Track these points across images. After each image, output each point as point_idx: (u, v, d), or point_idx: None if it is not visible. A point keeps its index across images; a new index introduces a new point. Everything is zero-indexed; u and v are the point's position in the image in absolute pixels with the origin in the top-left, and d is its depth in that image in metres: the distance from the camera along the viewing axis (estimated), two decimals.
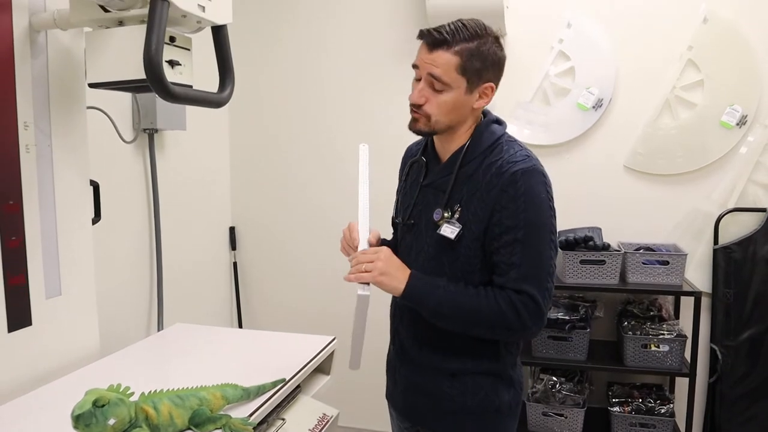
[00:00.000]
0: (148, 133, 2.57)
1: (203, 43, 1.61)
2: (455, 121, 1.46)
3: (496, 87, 1.47)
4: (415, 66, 1.44)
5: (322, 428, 1.73)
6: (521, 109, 2.85)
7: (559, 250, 2.59)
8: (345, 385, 3.08)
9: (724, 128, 2.63)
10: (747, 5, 2.60)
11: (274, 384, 1.60)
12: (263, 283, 3.38)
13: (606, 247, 2.59)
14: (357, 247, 1.50)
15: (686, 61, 2.66)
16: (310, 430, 1.69)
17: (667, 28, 2.68)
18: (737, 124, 2.61)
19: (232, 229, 3.36)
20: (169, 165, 2.76)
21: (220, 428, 1.30)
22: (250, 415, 1.42)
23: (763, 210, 2.61)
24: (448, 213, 1.46)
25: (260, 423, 1.51)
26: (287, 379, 1.66)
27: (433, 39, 1.39)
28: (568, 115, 2.79)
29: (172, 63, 1.42)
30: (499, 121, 1.56)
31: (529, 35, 2.83)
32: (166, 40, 1.37)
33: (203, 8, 1.39)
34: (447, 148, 1.52)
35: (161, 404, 1.24)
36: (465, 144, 1.49)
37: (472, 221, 1.42)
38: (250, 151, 3.32)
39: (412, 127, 1.48)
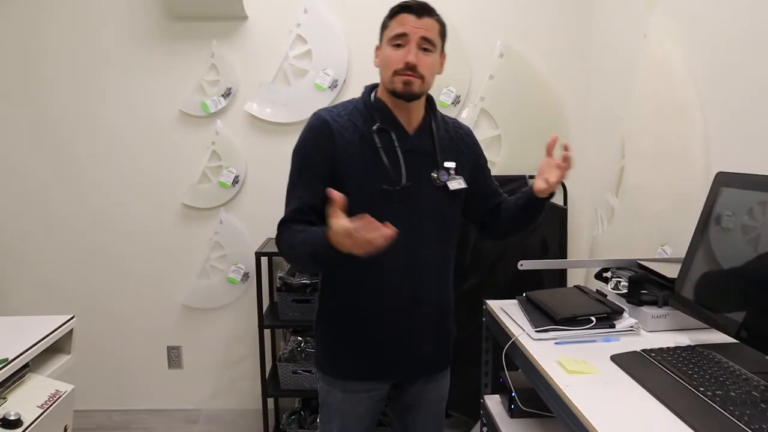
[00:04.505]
0: None
1: None
2: (431, 85, 1.65)
3: None
4: (401, 35, 1.57)
5: (53, 403, 1.74)
6: (264, 90, 3.00)
7: None
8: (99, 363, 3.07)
9: (442, 106, 2.94)
10: None
11: None
12: (11, 271, 3.19)
13: None
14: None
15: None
16: (38, 406, 1.70)
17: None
18: (452, 103, 3.00)
19: None
20: None
21: None
22: None
23: None
24: (447, 172, 1.68)
25: None
26: (10, 359, 1.67)
27: (421, 7, 1.58)
28: (306, 95, 2.98)
29: None
30: None
31: (270, 19, 2.98)
32: None
33: None
34: (414, 116, 1.67)
35: None
36: (426, 112, 1.72)
37: (465, 173, 1.73)
38: None
39: (408, 89, 1.58)
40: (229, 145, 3.05)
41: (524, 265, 1.90)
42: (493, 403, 2.07)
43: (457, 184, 1.68)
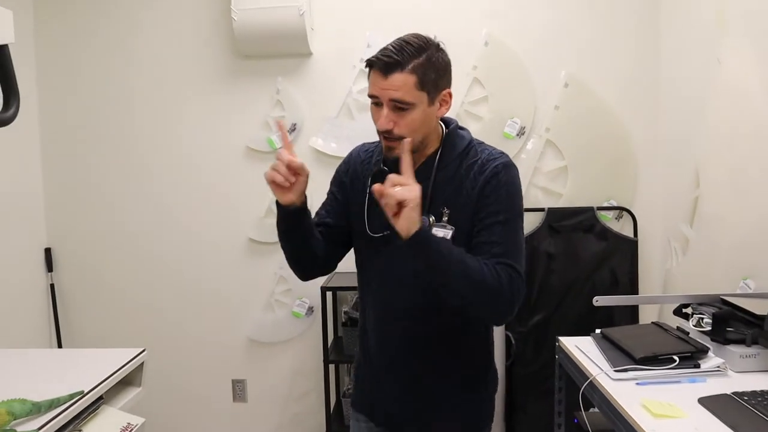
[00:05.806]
0: None
1: None
2: (426, 134, 1.48)
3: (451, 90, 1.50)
4: (373, 96, 1.44)
5: None
6: (328, 124, 3.03)
7: None
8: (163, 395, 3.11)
9: (506, 138, 2.96)
10: (519, 30, 2.96)
11: (71, 396, 1.62)
12: (86, 303, 3.29)
13: None
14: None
15: (472, 79, 2.97)
16: None
17: (455, 49, 2.96)
18: (517, 135, 2.96)
19: (47, 251, 3.25)
20: None
21: None
22: (41, 427, 1.45)
23: (542, 209, 2.97)
24: (433, 218, 1.46)
25: None
26: (86, 392, 1.70)
27: (386, 64, 1.39)
28: (370, 129, 2.98)
29: None
30: (461, 127, 1.59)
31: (333, 55, 3.03)
32: None
33: None
34: (418, 156, 1.49)
35: None
36: (437, 150, 1.52)
37: (463, 221, 1.46)
38: (66, 171, 3.23)
39: (390, 154, 1.45)
40: None
41: (599, 301, 1.83)
42: None
43: (443, 234, 1.45)
